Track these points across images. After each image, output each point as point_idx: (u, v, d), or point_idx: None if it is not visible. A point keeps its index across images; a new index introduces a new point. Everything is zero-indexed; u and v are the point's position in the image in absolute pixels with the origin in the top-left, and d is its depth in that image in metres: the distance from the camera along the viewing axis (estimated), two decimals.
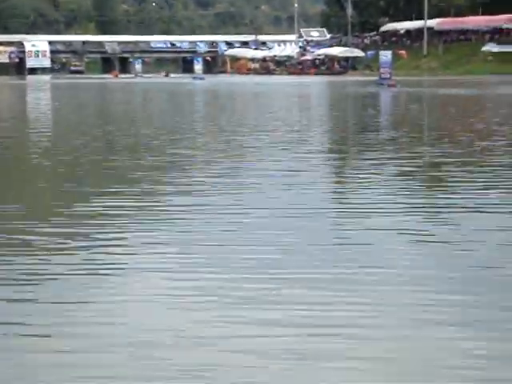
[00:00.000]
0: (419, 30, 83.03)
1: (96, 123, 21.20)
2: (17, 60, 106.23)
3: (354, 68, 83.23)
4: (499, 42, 72.54)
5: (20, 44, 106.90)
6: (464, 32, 79.46)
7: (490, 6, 78.47)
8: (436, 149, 13.18)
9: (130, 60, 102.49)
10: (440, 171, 10.69)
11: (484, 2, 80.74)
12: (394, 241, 6.51)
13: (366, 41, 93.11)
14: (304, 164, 11.35)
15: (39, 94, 45.96)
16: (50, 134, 17.98)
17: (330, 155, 13.11)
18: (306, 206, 8.00)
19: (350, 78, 68.53)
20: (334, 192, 9.46)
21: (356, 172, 10.73)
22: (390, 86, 44.83)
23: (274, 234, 6.72)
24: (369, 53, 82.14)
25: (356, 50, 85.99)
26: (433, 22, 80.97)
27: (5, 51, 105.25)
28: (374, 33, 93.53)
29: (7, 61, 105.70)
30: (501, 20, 75.79)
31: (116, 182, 9.93)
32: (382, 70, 48.73)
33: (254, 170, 10.88)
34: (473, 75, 61.95)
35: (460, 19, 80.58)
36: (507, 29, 74.70)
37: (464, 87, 41.92)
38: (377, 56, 56.64)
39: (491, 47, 71.66)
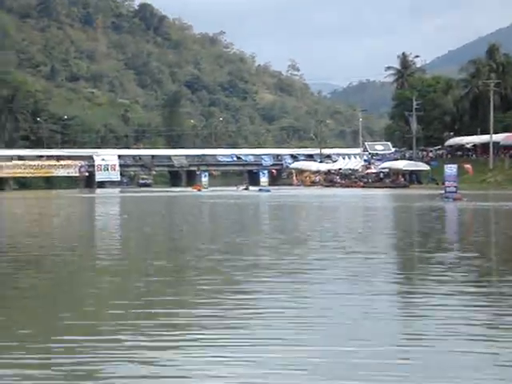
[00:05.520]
0: (485, 145, 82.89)
1: (163, 239, 21.28)
2: (86, 174, 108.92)
3: (419, 181, 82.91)
4: None
5: (90, 158, 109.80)
6: None
7: None
8: None
9: (197, 173, 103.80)
10: None
11: None
12: None
13: (431, 154, 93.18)
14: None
15: (110, 207, 46.49)
16: (118, 254, 17.96)
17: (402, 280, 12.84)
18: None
19: (414, 191, 68.16)
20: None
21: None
22: (455, 199, 44.11)
23: None
24: (432, 162, 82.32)
25: (421, 163, 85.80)
26: (499, 137, 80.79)
27: (75, 165, 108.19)
28: (439, 147, 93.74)
29: (77, 174, 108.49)
30: None
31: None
32: (447, 184, 47.83)
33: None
34: None
35: None
36: None
37: None
38: (441, 168, 56.18)
39: None
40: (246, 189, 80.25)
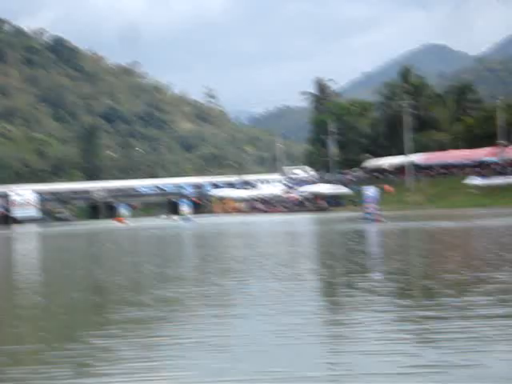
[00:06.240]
0: (402, 165, 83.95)
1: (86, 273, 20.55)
2: (1, 210, 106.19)
3: (339, 204, 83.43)
4: (481, 175, 73.10)
5: (5, 195, 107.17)
6: (447, 166, 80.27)
7: (471, 140, 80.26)
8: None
9: (114, 205, 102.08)
10: None
11: (464, 137, 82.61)
12: None
13: (350, 177, 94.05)
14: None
15: (26, 246, 44.93)
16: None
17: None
18: None
19: (335, 214, 68.53)
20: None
21: None
22: (375, 221, 44.44)
23: None
24: (353, 186, 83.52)
25: (340, 186, 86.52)
26: (416, 157, 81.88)
27: None
28: (357, 168, 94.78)
29: None
30: (481, 154, 76.93)
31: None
32: (366, 205, 48.30)
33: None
34: (457, 208, 62.01)
35: (442, 154, 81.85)
36: (488, 162, 75.61)
37: (449, 220, 41.96)
38: (361, 191, 56.62)
39: (473, 180, 72.13)
40: (168, 219, 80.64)
